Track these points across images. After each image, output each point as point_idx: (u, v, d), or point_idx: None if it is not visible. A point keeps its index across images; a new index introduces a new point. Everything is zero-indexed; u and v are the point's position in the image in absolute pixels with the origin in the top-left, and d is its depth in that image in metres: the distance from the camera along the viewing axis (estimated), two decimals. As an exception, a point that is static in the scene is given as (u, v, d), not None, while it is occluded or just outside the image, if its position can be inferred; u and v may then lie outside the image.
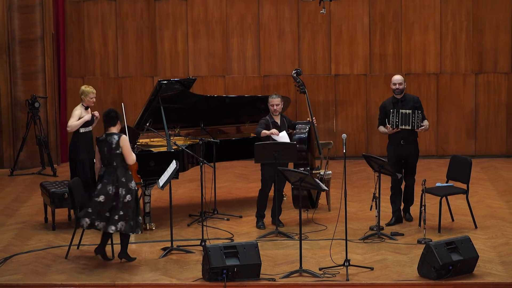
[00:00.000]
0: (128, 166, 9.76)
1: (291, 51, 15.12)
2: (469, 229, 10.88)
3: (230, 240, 10.54)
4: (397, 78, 11.09)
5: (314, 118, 11.71)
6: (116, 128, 9.77)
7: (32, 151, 14.56)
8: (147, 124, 11.30)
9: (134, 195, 9.72)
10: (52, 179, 13.24)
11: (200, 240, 10.23)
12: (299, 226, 9.66)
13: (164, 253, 10.12)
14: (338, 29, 15.06)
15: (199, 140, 11.57)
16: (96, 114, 11.34)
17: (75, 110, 11.27)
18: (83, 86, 11.38)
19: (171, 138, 11.42)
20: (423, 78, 15.07)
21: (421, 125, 10.95)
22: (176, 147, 11.23)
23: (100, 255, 9.89)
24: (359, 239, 10.52)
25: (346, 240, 9.52)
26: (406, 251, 10.13)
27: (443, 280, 9.14)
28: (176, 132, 11.98)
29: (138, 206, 9.84)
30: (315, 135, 11.73)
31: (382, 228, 10.79)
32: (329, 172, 11.82)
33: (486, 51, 14.98)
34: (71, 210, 11.41)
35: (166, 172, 10.09)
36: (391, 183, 11.16)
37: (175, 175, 10.27)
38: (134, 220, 9.70)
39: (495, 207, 11.94)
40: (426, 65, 15.07)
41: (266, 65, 15.18)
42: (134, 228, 9.73)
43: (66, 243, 10.35)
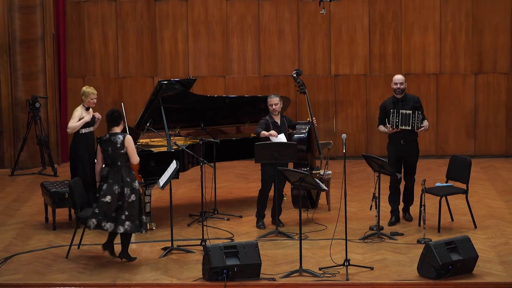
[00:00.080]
0: (131, 166, 9.79)
1: (291, 52, 15.13)
2: (468, 229, 10.89)
3: (230, 240, 10.55)
4: (398, 77, 11.11)
5: (314, 118, 11.72)
6: (120, 128, 9.79)
7: (32, 151, 14.57)
8: (148, 124, 11.31)
9: (138, 194, 9.75)
10: (52, 179, 13.25)
11: (200, 240, 10.24)
12: (299, 226, 9.67)
13: (164, 252, 10.13)
14: (338, 29, 15.07)
15: (199, 140, 11.57)
16: (97, 115, 11.34)
17: (75, 111, 11.27)
18: (84, 87, 11.38)
19: (171, 138, 11.43)
20: (423, 78, 15.08)
21: (421, 125, 10.96)
22: (176, 147, 11.23)
23: (107, 251, 9.90)
24: (359, 239, 10.53)
25: (346, 240, 9.53)
26: (406, 251, 10.14)
27: (443, 280, 9.15)
28: (177, 132, 11.99)
29: (142, 205, 9.87)
30: (315, 135, 11.74)
31: (382, 228, 10.80)
32: (329, 172, 11.83)
33: (485, 51, 14.99)
34: (72, 210, 11.43)
35: (166, 172, 10.09)
36: (390, 182, 11.17)
37: (175, 175, 10.27)
38: (138, 220, 9.73)
39: (495, 207, 11.95)
40: (426, 65, 15.08)
41: (266, 65, 15.19)
42: (139, 228, 9.74)
43: (67, 243, 10.36)
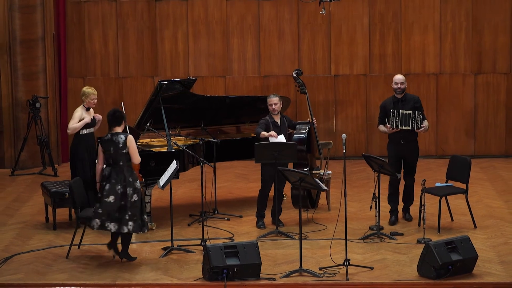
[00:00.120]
0: (132, 166, 9.81)
1: (291, 52, 15.14)
2: (468, 228, 10.90)
3: (230, 240, 10.56)
4: (399, 77, 11.12)
5: (314, 118, 11.73)
6: (121, 128, 9.81)
7: (33, 151, 14.57)
8: (148, 124, 11.32)
9: (140, 194, 9.76)
10: (53, 179, 13.26)
11: (201, 240, 10.25)
12: (299, 226, 9.68)
13: (164, 252, 10.14)
14: (338, 29, 15.08)
15: (199, 140, 11.58)
16: (98, 116, 11.33)
17: (75, 111, 11.26)
18: (84, 87, 11.39)
19: (171, 138, 11.44)
20: (423, 78, 15.08)
21: (421, 126, 10.98)
22: (176, 147, 11.24)
23: (113, 250, 9.91)
24: (358, 239, 10.53)
25: (346, 239, 9.53)
26: (405, 250, 10.15)
27: (443, 280, 9.16)
28: (177, 132, 12.00)
29: (143, 205, 9.88)
30: (315, 135, 11.74)
31: (382, 228, 10.81)
32: (329, 172, 11.84)
33: (485, 51, 15.00)
34: (72, 210, 11.44)
35: (166, 172, 10.10)
36: (389, 182, 11.18)
37: (175, 175, 10.28)
38: (140, 219, 9.74)
39: (494, 207, 11.96)
40: (426, 65, 15.09)
41: (266, 65, 15.20)
42: (141, 227, 9.75)
43: (67, 242, 10.37)
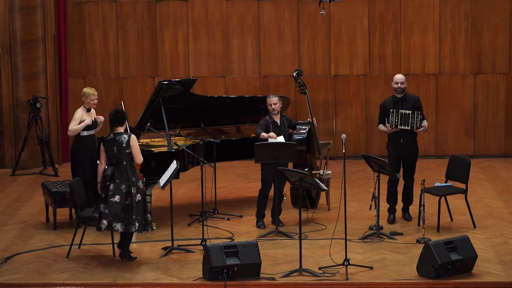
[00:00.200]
0: (134, 165, 9.83)
1: (291, 52, 15.15)
2: (468, 228, 10.91)
3: (230, 240, 10.58)
4: (399, 77, 11.13)
5: (314, 118, 11.74)
6: (123, 128, 9.83)
7: (33, 151, 14.58)
8: (148, 124, 11.33)
9: (143, 194, 9.79)
10: (53, 179, 13.28)
11: (201, 240, 10.26)
12: (299, 226, 9.69)
13: (164, 252, 10.15)
14: (337, 30, 15.09)
15: (199, 140, 11.59)
16: (100, 118, 11.34)
17: (76, 113, 11.25)
18: (84, 88, 11.40)
19: (171, 138, 11.45)
20: (422, 78, 15.10)
21: (420, 126, 10.99)
22: (176, 147, 11.26)
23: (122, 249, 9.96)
24: (358, 239, 10.54)
25: (346, 239, 9.54)
26: (405, 250, 10.16)
27: (442, 280, 9.16)
28: (177, 132, 12.01)
29: (146, 204, 9.91)
30: (315, 136, 11.76)
31: (382, 228, 10.83)
32: (328, 172, 11.86)
33: (484, 51, 15.02)
34: (73, 209, 11.45)
35: (166, 172, 10.11)
36: (388, 182, 11.20)
37: (175, 175, 10.29)
38: (144, 219, 9.76)
39: (494, 207, 11.97)
40: (425, 65, 15.10)
41: (266, 65, 15.21)
42: (145, 226, 9.78)
43: (67, 242, 10.39)
